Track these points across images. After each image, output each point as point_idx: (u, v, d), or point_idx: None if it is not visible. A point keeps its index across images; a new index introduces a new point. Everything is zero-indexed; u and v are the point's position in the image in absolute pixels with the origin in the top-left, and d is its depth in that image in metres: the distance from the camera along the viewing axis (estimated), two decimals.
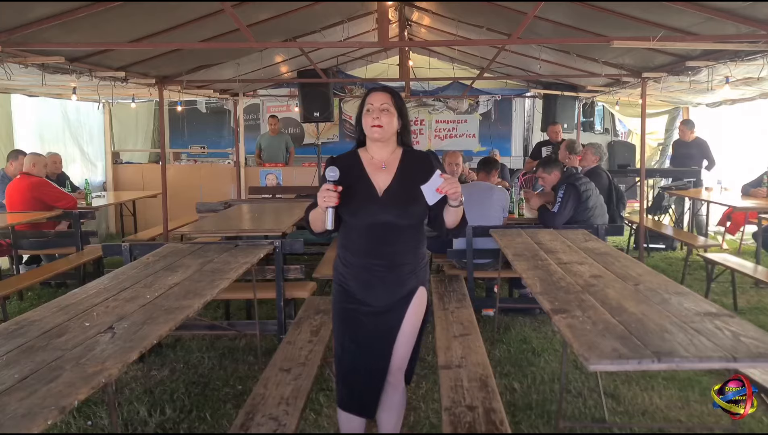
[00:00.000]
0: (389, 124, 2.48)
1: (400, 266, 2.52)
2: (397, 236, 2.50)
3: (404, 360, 2.59)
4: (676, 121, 9.71)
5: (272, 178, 9.38)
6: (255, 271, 4.21)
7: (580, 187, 5.36)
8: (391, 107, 2.49)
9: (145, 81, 6.91)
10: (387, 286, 2.52)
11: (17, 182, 6.11)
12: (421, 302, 2.59)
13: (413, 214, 2.49)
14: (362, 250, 2.53)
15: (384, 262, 2.51)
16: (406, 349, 2.58)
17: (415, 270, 2.56)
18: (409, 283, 2.54)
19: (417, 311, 2.57)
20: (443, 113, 11.77)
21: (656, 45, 4.67)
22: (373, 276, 2.52)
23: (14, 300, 5.91)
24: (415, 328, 2.58)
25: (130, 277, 3.21)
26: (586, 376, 4.03)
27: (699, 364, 2.02)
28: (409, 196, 2.46)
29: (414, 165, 2.53)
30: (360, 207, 2.48)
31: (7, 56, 4.80)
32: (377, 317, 2.53)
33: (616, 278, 3.04)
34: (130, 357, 2.09)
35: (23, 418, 1.63)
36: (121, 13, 4.58)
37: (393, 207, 2.47)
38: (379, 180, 2.52)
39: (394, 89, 2.61)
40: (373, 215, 2.47)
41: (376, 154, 2.56)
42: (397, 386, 2.63)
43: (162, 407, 3.68)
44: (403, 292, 2.53)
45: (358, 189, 2.48)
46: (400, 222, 2.48)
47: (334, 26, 7.45)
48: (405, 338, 2.56)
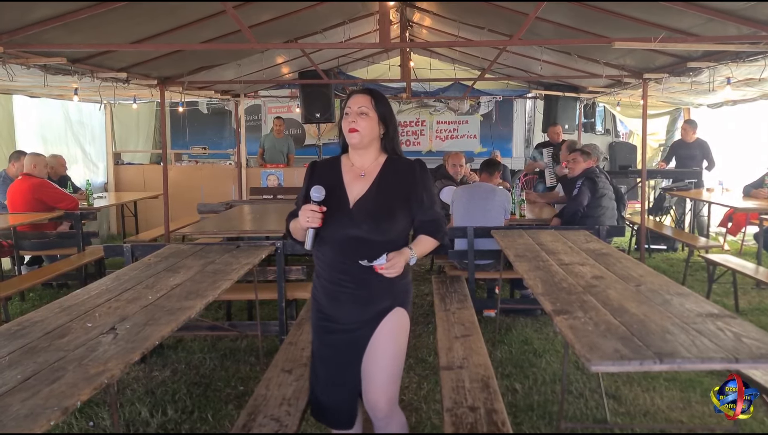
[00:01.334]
0: (366, 128, 2.30)
1: (371, 284, 2.29)
2: (368, 252, 2.25)
3: (385, 390, 2.33)
4: (677, 122, 9.71)
5: (273, 178, 9.39)
6: (256, 271, 4.22)
7: (598, 183, 5.51)
8: (371, 110, 2.30)
9: (146, 82, 6.91)
10: (355, 304, 2.32)
11: (19, 183, 6.11)
12: (398, 324, 2.35)
13: (386, 229, 2.28)
14: (332, 264, 2.34)
15: (352, 278, 2.30)
16: (386, 376, 2.33)
17: (390, 289, 2.33)
18: (381, 302, 2.33)
19: (391, 333, 2.33)
20: (444, 114, 11.77)
21: (657, 46, 4.67)
22: (342, 292, 2.33)
23: (16, 301, 5.92)
24: (393, 352, 2.34)
25: (132, 278, 3.22)
26: (587, 377, 4.02)
27: (701, 365, 2.02)
28: (381, 210, 2.28)
29: (395, 175, 2.32)
30: (330, 218, 2.26)
31: (10, 57, 4.81)
32: (345, 335, 2.35)
33: (617, 279, 3.04)
34: (132, 357, 2.10)
35: (26, 419, 1.64)
36: (123, 14, 4.59)
37: (363, 221, 2.27)
38: (354, 190, 2.33)
39: (378, 91, 2.40)
40: (344, 228, 2.28)
41: (357, 162, 2.38)
42: (389, 421, 2.39)
43: (164, 408, 3.68)
44: (373, 311, 2.32)
45: (331, 198, 2.27)
46: (371, 237, 2.27)
47: (336, 27, 7.46)
48: (383, 363, 2.32)
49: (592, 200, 5.50)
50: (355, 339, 2.35)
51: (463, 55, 9.69)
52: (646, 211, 7.32)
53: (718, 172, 8.26)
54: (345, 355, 2.37)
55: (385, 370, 2.33)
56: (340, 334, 2.37)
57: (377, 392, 2.33)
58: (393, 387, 2.36)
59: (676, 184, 8.22)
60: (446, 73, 10.08)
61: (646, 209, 7.09)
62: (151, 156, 11.13)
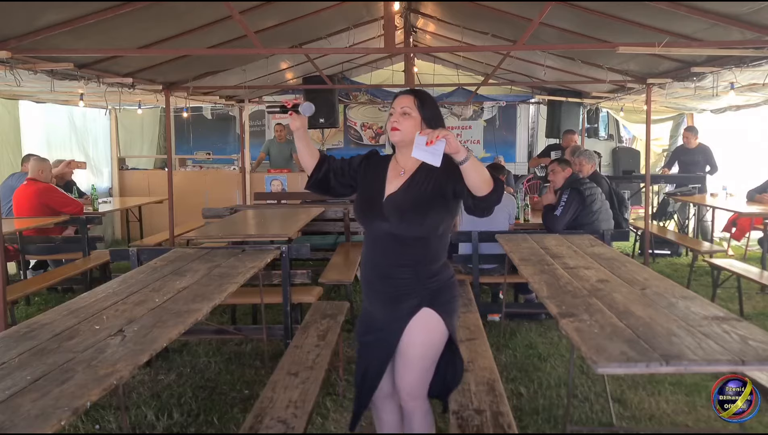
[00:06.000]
0: (408, 128, 2.34)
1: (395, 281, 2.35)
2: (396, 248, 2.34)
3: (413, 385, 2.39)
4: (681, 128, 9.71)
5: (277, 183, 9.40)
6: (262, 275, 4.22)
7: (584, 192, 5.40)
8: (413, 110, 2.34)
9: (152, 87, 6.94)
10: (383, 301, 2.39)
11: (24, 188, 6.14)
12: (425, 326, 2.34)
13: (414, 224, 2.31)
14: (366, 258, 2.45)
15: (378, 274, 2.39)
16: (413, 373, 2.38)
17: (419, 287, 2.34)
18: (407, 301, 2.34)
19: (419, 333, 2.34)
20: (448, 119, 11.76)
21: (661, 51, 4.68)
22: (371, 288, 2.44)
23: (21, 305, 5.93)
24: (420, 353, 2.36)
25: (139, 281, 3.23)
26: (592, 381, 4.02)
27: (707, 367, 2.03)
28: (409, 204, 2.32)
29: (431, 171, 2.28)
30: (364, 212, 2.42)
31: (17, 63, 4.84)
32: (379, 332, 2.42)
33: (622, 283, 3.04)
34: (140, 359, 2.11)
35: (37, 419, 1.65)
36: (130, 19, 4.61)
37: (391, 215, 2.32)
38: (391, 186, 2.39)
39: (425, 93, 2.43)
40: (373, 222, 2.38)
41: (400, 160, 2.44)
42: (414, 411, 2.44)
43: (170, 411, 3.69)
44: (400, 310, 2.35)
45: (371, 193, 2.41)
46: (399, 233, 2.32)
47: (340, 33, 7.49)
48: (409, 362, 2.37)
49: (582, 209, 5.43)
50: (384, 337, 2.40)
51: (467, 61, 9.72)
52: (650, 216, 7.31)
53: (721, 177, 8.26)
54: (376, 353, 2.44)
55: (412, 364, 2.37)
56: (376, 331, 2.44)
57: (401, 381, 2.41)
58: (417, 382, 2.40)
59: (679, 189, 8.22)
60: (450, 79, 10.10)
61: (649, 214, 7.09)
62: (155, 161, 11.16)
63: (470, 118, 11.76)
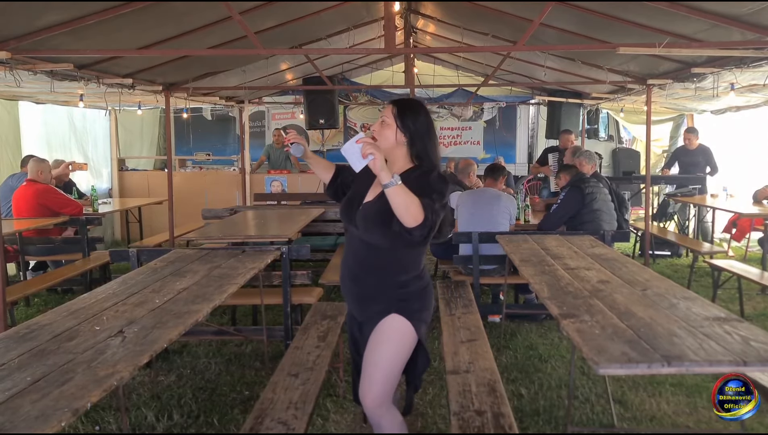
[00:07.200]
0: (383, 137, 2.38)
1: (363, 283, 2.44)
2: (365, 253, 2.42)
3: (369, 388, 2.38)
4: (681, 128, 9.71)
5: (277, 184, 9.40)
6: (262, 276, 4.22)
7: (584, 190, 5.44)
8: (390, 119, 2.37)
9: (151, 88, 6.94)
10: (353, 300, 2.51)
11: (23, 189, 6.14)
12: (392, 329, 2.36)
13: (376, 234, 2.34)
14: (343, 256, 2.56)
15: (349, 274, 2.48)
16: (370, 377, 2.38)
17: (383, 292, 2.39)
18: (375, 305, 2.40)
19: (384, 335, 2.37)
20: (448, 120, 11.79)
21: (661, 51, 4.67)
22: (344, 286, 2.55)
23: (21, 306, 5.92)
24: (382, 354, 2.37)
25: (139, 282, 3.23)
26: (593, 382, 4.02)
27: (709, 368, 2.03)
28: (377, 214, 2.32)
29: (406, 182, 2.19)
30: (342, 214, 2.52)
31: (17, 63, 4.83)
32: (354, 330, 2.56)
33: (623, 283, 3.04)
34: (140, 360, 2.11)
35: (37, 420, 1.65)
36: (130, 20, 4.61)
37: (359, 223, 2.39)
38: (370, 195, 2.45)
39: (407, 102, 2.45)
40: (348, 226, 2.49)
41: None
42: (378, 420, 2.40)
43: (170, 412, 3.68)
44: (370, 311, 2.42)
45: (353, 197, 2.50)
46: (369, 240, 2.39)
47: (340, 33, 7.49)
48: (369, 364, 2.39)
49: (582, 207, 5.44)
50: (358, 335, 2.53)
51: (467, 62, 9.72)
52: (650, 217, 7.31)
53: (722, 178, 8.26)
54: (354, 348, 2.59)
55: (375, 367, 2.38)
56: (353, 328, 2.57)
57: (363, 388, 2.42)
58: (379, 388, 2.38)
59: (680, 190, 8.22)
60: (450, 80, 10.10)
61: (650, 215, 7.08)
62: (155, 162, 11.15)
63: (470, 118, 11.75)
